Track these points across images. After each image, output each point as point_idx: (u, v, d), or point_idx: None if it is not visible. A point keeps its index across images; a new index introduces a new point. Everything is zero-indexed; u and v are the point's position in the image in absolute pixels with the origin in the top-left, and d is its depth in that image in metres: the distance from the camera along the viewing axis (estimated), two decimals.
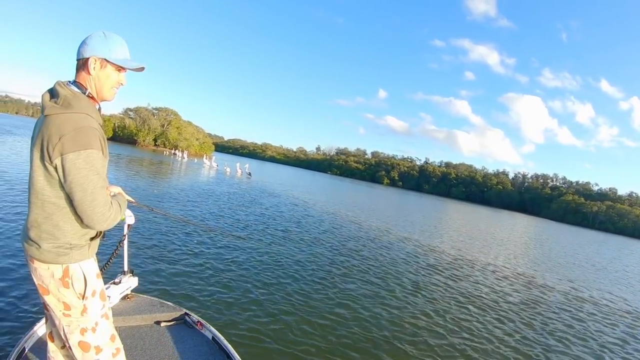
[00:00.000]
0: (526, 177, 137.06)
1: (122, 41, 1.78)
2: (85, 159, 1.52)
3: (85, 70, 1.70)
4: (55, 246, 1.65)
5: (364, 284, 6.94)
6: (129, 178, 17.13)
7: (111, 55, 1.71)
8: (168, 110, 72.05)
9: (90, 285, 1.76)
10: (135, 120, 66.94)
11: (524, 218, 69.28)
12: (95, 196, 1.56)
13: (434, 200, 70.25)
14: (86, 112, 1.60)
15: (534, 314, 7.22)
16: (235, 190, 20.34)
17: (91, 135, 1.56)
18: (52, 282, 1.69)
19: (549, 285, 10.28)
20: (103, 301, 1.85)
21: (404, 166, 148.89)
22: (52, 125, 1.52)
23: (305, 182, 48.12)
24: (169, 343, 2.78)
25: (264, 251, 7.96)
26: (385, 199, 44.28)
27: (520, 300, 8.00)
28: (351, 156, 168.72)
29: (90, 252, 1.79)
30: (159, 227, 8.21)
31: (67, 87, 1.65)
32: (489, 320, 6.33)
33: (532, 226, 46.48)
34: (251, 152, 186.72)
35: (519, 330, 6.15)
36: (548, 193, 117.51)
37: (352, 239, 11.43)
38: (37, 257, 1.66)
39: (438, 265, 9.92)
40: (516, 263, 13.20)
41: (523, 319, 6.77)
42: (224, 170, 35.42)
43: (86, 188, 1.54)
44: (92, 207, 1.57)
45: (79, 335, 1.77)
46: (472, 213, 49.84)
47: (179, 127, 70.60)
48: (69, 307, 1.73)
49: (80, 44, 1.71)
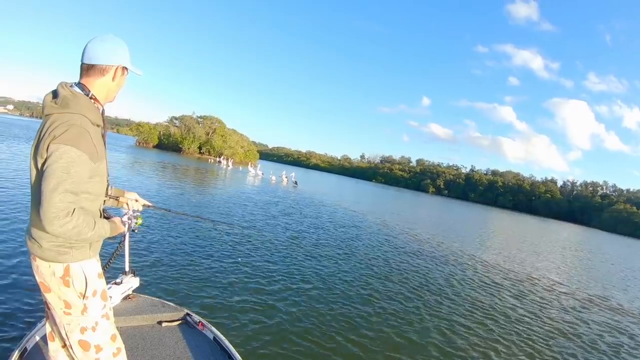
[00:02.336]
0: (575, 185, 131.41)
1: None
2: (62, 154, 1.50)
3: (101, 75, 1.73)
4: (56, 245, 1.65)
5: (373, 291, 6.83)
6: (172, 186, 16.69)
7: (129, 63, 1.80)
8: (213, 119, 72.30)
9: (90, 285, 1.75)
10: (180, 128, 67.39)
11: (574, 228, 65.40)
12: (52, 195, 1.47)
13: (482, 210, 68.14)
14: (82, 113, 1.61)
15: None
16: (278, 199, 19.18)
17: (79, 135, 1.55)
18: (53, 280, 1.70)
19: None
20: (104, 301, 1.84)
21: (449, 174, 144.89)
22: (48, 124, 1.56)
23: (350, 191, 47.39)
24: (170, 343, 2.78)
25: (274, 254, 7.83)
26: (432, 209, 42.90)
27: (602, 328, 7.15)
28: (396, 164, 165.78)
29: (92, 252, 1.79)
30: (160, 227, 8.20)
31: (68, 88, 1.66)
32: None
33: (589, 238, 43.44)
34: (295, 160, 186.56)
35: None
36: (598, 202, 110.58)
37: (378, 246, 10.56)
38: (39, 255, 1.68)
39: (505, 284, 9.16)
40: (587, 283, 11.75)
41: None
42: (269, 178, 34.55)
43: (49, 182, 1.48)
44: (46, 204, 1.47)
45: (79, 334, 1.76)
46: (520, 223, 47.73)
47: (224, 135, 70.39)
48: (69, 305, 1.73)
49: (92, 48, 1.70)
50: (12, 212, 7.11)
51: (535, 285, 9.85)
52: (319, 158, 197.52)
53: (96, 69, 1.71)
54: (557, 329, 6.57)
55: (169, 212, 3.20)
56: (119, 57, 1.74)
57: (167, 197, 13.47)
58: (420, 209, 38.94)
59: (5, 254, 5.09)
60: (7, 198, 8.10)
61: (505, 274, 10.47)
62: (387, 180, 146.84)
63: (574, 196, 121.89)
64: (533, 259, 15.22)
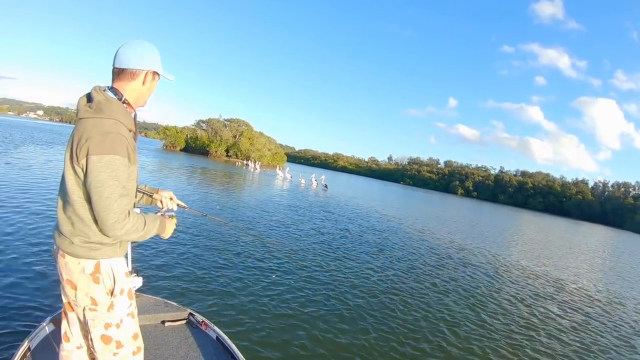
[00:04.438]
0: (606, 185, 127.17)
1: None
2: (106, 163, 1.53)
3: (131, 79, 1.74)
4: (87, 242, 1.68)
5: (378, 289, 6.77)
6: (201, 191, 16.32)
7: (160, 68, 1.81)
8: (240, 121, 72.17)
9: (119, 283, 1.76)
10: (207, 131, 67.42)
11: (608, 231, 62.21)
12: (110, 202, 1.54)
13: (513, 212, 66.43)
14: (117, 118, 1.62)
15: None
16: (308, 204, 18.15)
17: (117, 141, 1.57)
18: (82, 277, 1.71)
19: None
20: (130, 300, 1.85)
21: (478, 175, 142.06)
22: (83, 128, 1.57)
23: (380, 193, 46.19)
24: (173, 343, 2.78)
25: (282, 255, 7.69)
26: (463, 211, 41.27)
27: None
28: (424, 166, 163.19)
29: (121, 250, 1.81)
30: None
31: (102, 93, 1.67)
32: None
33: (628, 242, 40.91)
34: (322, 162, 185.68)
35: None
36: (631, 203, 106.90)
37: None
38: (70, 251, 1.69)
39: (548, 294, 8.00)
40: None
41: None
42: (299, 181, 33.93)
43: (102, 192, 1.54)
44: (105, 212, 1.55)
45: (102, 329, 1.76)
46: (555, 226, 45.85)
47: (251, 137, 70.02)
48: (96, 302, 1.73)
49: (123, 52, 1.72)
50: (8, 215, 6.93)
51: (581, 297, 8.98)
52: (346, 160, 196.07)
53: (126, 73, 1.71)
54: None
55: (205, 216, 3.13)
56: (149, 61, 1.75)
57: (196, 200, 13.18)
58: (451, 212, 37.52)
59: (6, 254, 5.09)
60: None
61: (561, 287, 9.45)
62: (415, 182, 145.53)
63: (606, 197, 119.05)
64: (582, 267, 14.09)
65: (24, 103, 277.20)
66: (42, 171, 13.13)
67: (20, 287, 4.24)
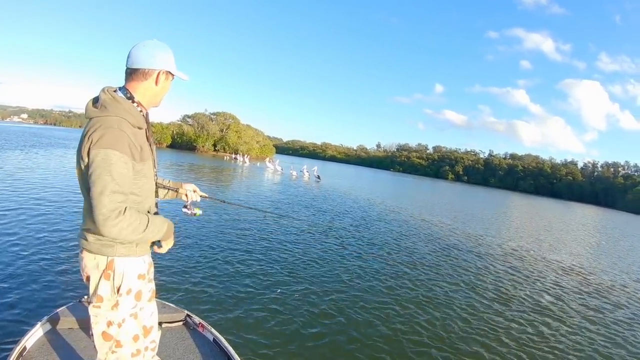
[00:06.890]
0: (596, 166, 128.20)
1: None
2: (103, 157, 1.54)
3: (143, 79, 1.74)
4: (100, 238, 1.69)
5: (374, 284, 6.55)
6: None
7: (173, 67, 1.81)
8: (226, 115, 70.77)
9: (127, 283, 1.75)
10: (194, 126, 66.10)
11: (600, 211, 62.68)
12: (101, 198, 1.52)
13: (504, 195, 67.27)
14: (121, 115, 1.63)
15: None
16: (302, 197, 17.49)
17: (118, 137, 1.58)
18: (95, 273, 1.72)
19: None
20: (137, 301, 1.83)
21: (467, 160, 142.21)
22: (89, 127, 1.61)
23: (372, 182, 45.99)
24: (170, 344, 2.77)
25: (282, 255, 7.42)
26: (454, 196, 41.60)
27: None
28: (413, 152, 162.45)
29: (139, 250, 1.79)
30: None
31: (109, 93, 1.68)
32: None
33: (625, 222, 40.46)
34: (311, 153, 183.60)
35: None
36: (621, 182, 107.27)
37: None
38: (87, 247, 1.72)
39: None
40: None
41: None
42: (290, 173, 32.93)
43: (97, 186, 1.53)
44: (96, 208, 1.53)
45: (104, 326, 1.77)
46: (546, 208, 46.00)
47: (238, 130, 68.73)
48: (101, 299, 1.74)
49: (136, 52, 1.72)
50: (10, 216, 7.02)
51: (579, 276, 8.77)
52: (335, 149, 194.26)
53: (139, 73, 1.72)
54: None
55: (223, 202, 3.04)
56: (161, 61, 1.75)
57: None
58: (444, 196, 37.51)
59: (6, 255, 5.15)
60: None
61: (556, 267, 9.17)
62: (405, 168, 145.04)
63: (596, 177, 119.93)
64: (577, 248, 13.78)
65: (7, 107, 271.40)
66: (32, 175, 12.44)
67: (16, 287, 4.27)
